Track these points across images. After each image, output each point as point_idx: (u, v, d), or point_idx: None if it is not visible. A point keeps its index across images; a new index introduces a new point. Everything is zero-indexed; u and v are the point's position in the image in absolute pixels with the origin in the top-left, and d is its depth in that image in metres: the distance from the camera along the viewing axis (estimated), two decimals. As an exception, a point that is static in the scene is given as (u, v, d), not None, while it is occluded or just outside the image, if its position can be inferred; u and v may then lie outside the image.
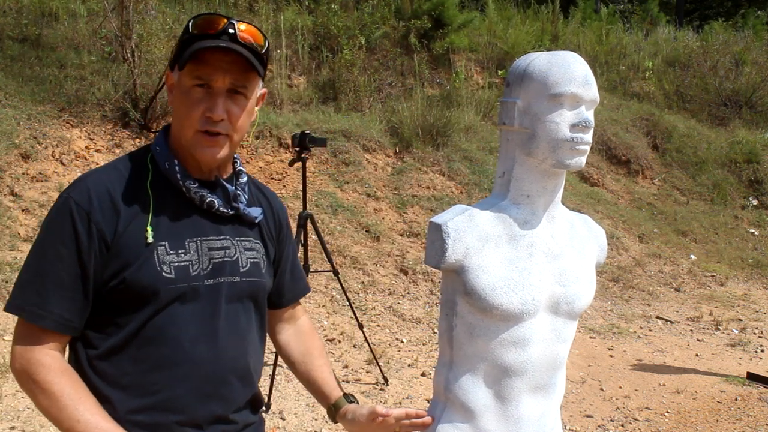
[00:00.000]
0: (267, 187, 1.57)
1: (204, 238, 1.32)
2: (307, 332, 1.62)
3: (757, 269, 7.65)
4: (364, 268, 5.68)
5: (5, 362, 3.74)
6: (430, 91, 8.70)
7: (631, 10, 16.60)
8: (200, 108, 1.27)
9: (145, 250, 1.25)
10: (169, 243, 1.28)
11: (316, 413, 3.78)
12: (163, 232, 1.28)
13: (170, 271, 1.26)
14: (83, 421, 1.19)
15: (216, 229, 1.35)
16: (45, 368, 1.22)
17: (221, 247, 1.34)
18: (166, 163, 1.32)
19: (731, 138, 10.27)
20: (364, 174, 6.76)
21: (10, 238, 4.63)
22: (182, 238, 1.29)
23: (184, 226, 1.31)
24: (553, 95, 1.33)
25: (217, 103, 1.26)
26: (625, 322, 5.82)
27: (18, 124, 5.43)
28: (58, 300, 1.23)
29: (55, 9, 6.92)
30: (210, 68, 1.26)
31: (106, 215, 1.24)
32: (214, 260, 1.32)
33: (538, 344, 1.44)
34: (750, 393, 4.49)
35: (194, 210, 1.33)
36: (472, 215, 1.39)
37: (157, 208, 1.29)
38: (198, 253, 1.30)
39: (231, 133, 1.30)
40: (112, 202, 1.25)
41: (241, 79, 1.28)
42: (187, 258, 1.29)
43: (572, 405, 4.19)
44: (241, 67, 1.27)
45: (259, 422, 1.47)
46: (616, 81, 11.13)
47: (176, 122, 1.32)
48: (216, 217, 1.35)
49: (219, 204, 1.34)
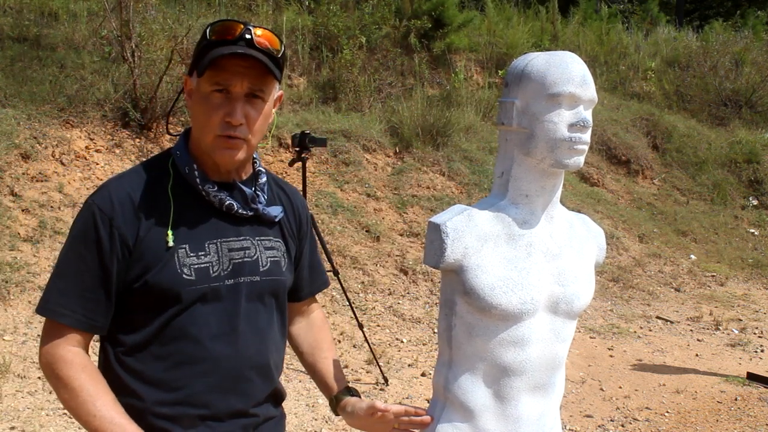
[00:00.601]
0: (288, 183, 1.60)
1: (224, 240, 1.36)
2: (318, 325, 1.66)
3: (757, 269, 7.65)
4: (364, 268, 5.69)
5: (5, 362, 3.74)
6: (430, 91, 8.70)
7: (631, 10, 16.59)
8: (220, 113, 1.30)
9: (166, 254, 1.30)
10: (190, 246, 1.32)
11: (316, 413, 3.78)
12: (183, 236, 1.32)
13: (190, 273, 1.31)
14: (99, 416, 1.24)
15: (236, 230, 1.38)
16: (67, 364, 1.27)
17: (241, 248, 1.38)
18: (186, 168, 1.36)
19: (731, 138, 10.27)
20: (364, 174, 6.76)
21: (10, 238, 4.64)
22: (202, 240, 1.34)
23: (204, 229, 1.35)
24: (551, 95, 1.34)
25: (236, 108, 1.30)
26: (625, 322, 5.82)
27: (18, 124, 5.43)
28: (80, 300, 1.28)
29: (55, 9, 6.93)
30: (228, 74, 1.29)
31: (128, 220, 1.29)
32: (234, 261, 1.36)
33: (537, 344, 1.44)
34: (750, 393, 4.49)
35: (214, 213, 1.37)
36: (471, 215, 1.39)
37: (178, 212, 1.33)
38: (218, 254, 1.35)
39: (248, 137, 1.34)
40: (133, 208, 1.30)
41: (258, 84, 1.32)
42: (206, 260, 1.33)
43: (572, 405, 4.19)
44: (259, 72, 1.31)
45: (280, 416, 1.51)
46: (616, 81, 11.13)
47: (196, 127, 1.36)
48: (236, 218, 1.38)
49: (238, 206, 1.37)
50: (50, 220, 4.87)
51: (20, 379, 3.72)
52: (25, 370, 3.78)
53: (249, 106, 1.32)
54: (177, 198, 1.34)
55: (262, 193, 1.43)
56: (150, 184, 1.34)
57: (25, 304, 4.25)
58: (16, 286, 4.32)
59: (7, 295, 4.26)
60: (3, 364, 3.72)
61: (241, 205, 1.38)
